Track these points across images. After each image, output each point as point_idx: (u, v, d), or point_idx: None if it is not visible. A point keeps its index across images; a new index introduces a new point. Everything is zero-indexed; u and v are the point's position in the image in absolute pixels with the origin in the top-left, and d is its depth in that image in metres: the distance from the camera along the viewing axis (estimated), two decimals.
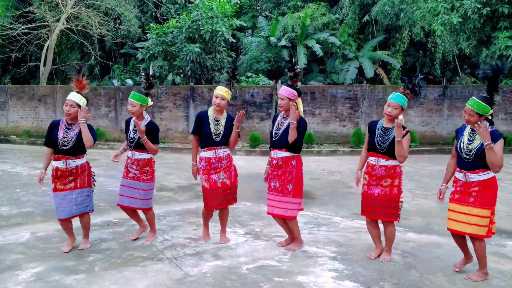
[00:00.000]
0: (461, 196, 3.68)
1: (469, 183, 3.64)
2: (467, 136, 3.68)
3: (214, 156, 4.43)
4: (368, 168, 4.10)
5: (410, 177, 8.24)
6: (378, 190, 4.03)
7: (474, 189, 3.61)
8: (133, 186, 4.48)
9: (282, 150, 4.27)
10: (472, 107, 3.59)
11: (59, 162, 4.20)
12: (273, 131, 4.37)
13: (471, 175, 3.63)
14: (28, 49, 18.82)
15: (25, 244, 4.51)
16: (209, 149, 4.43)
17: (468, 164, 3.64)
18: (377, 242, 4.24)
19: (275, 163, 4.33)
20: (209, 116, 4.45)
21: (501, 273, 3.86)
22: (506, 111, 12.97)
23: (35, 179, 7.89)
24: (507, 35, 12.32)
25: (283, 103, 4.27)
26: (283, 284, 3.58)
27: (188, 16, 14.23)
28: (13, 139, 14.56)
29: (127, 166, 4.53)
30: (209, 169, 4.43)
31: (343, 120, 13.38)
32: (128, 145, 4.51)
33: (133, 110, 4.38)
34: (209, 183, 4.42)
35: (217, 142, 4.41)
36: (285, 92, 4.26)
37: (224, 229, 4.72)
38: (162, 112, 13.89)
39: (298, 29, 17.53)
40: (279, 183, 4.28)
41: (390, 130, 3.99)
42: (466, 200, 3.64)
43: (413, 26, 17.49)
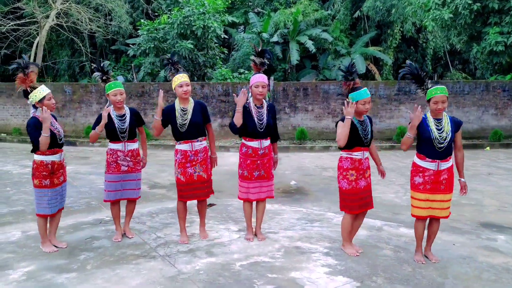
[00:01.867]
0: (432, 185, 3.86)
1: (439, 172, 3.84)
2: (434, 126, 3.84)
3: (190, 149, 4.36)
4: (354, 163, 4.02)
5: (401, 172, 8.29)
6: (363, 182, 4.07)
7: (444, 176, 3.85)
8: (128, 179, 4.48)
9: (267, 139, 4.44)
10: (445, 93, 3.84)
11: (56, 155, 4.16)
12: (255, 123, 4.29)
13: (442, 164, 3.83)
14: (17, 46, 18.57)
15: (16, 243, 4.46)
16: (184, 142, 4.35)
17: (441, 153, 3.82)
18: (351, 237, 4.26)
19: (262, 153, 4.38)
20: (176, 108, 4.34)
21: (491, 267, 3.91)
22: (496, 107, 13.09)
23: (25, 177, 7.81)
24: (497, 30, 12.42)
25: (264, 91, 4.32)
26: (277, 280, 3.58)
27: (179, 12, 14.14)
28: (3, 137, 14.39)
29: (116, 161, 4.42)
30: (185, 162, 4.35)
31: (336, 116, 13.41)
32: (120, 136, 4.38)
33: (123, 99, 4.39)
34: (185, 176, 4.36)
35: (190, 134, 4.32)
36: (265, 79, 4.33)
37: (203, 223, 4.69)
38: (155, 109, 13.79)
39: (290, 25, 17.51)
40: (265, 170, 4.44)
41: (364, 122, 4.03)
42: (438, 189, 3.86)
43: (405, 22, 17.58)
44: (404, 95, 13.25)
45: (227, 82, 13.65)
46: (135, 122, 4.50)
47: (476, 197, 6.53)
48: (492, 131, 12.49)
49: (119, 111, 4.43)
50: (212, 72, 14.82)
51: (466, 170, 8.58)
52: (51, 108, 4.09)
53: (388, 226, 5.12)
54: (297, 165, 9.43)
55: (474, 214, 5.67)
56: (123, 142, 4.42)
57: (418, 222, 4.03)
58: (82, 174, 8.05)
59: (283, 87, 13.32)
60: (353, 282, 3.57)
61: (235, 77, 14.90)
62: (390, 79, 18.34)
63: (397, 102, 13.22)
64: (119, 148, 4.43)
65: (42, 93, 4.05)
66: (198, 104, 4.43)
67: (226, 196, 6.54)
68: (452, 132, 3.82)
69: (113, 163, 4.44)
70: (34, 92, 4.04)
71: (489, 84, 13.09)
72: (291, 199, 6.53)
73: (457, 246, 4.43)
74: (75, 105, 14.16)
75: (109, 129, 4.39)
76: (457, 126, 3.88)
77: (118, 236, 4.58)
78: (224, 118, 13.19)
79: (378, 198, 6.51)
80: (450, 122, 3.88)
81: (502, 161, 9.84)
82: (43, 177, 4.11)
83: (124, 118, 4.41)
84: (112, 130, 4.39)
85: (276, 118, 4.54)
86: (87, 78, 20.43)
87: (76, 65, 20.74)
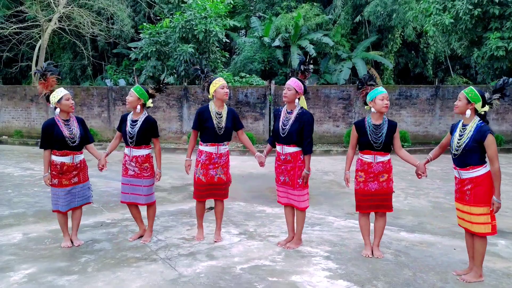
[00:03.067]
0: (459, 194, 3.70)
1: (463, 180, 3.64)
2: (458, 132, 3.68)
3: (216, 152, 4.44)
4: (363, 166, 4.10)
5: (402, 176, 8.29)
6: (375, 185, 4.09)
7: (468, 187, 3.60)
8: (135, 184, 4.50)
9: (290, 145, 4.28)
10: (463, 92, 3.66)
11: (67, 157, 4.30)
12: (279, 126, 4.33)
13: (462, 172, 3.63)
14: (19, 49, 18.65)
15: (17, 245, 4.47)
16: (212, 144, 4.44)
17: (458, 161, 3.64)
18: (367, 239, 4.29)
19: (283, 158, 4.35)
20: (210, 110, 4.44)
21: (492, 272, 3.90)
22: (497, 112, 13.10)
23: (27, 180, 7.83)
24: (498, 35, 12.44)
25: (288, 94, 4.28)
26: (277, 284, 3.58)
27: (181, 16, 14.20)
28: (5, 139, 14.43)
29: (125, 164, 4.53)
30: (208, 164, 4.44)
31: (337, 120, 13.44)
32: (128, 141, 4.46)
33: (129, 100, 4.44)
34: (206, 177, 4.45)
35: (220, 137, 4.43)
36: (294, 83, 4.30)
37: (220, 225, 4.73)
38: (156, 112, 13.84)
39: (291, 29, 17.56)
40: (289, 177, 4.33)
41: (381, 126, 4.04)
42: (464, 199, 3.65)
43: (406, 27, 17.60)
44: (405, 99, 13.26)
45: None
46: (145, 130, 4.45)
47: None
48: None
49: (134, 116, 4.48)
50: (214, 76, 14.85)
51: None
52: (69, 108, 4.30)
53: (389, 230, 5.11)
54: None
55: None
56: (130, 147, 4.47)
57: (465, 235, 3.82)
58: None
59: None
60: (354, 286, 3.57)
61: (236, 81, 14.93)
62: (391, 83, 18.35)
63: (398, 106, 13.24)
64: (127, 153, 4.53)
65: (59, 94, 4.28)
66: (230, 111, 4.55)
67: (227, 200, 6.53)
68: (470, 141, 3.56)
69: (123, 166, 4.56)
70: (53, 94, 4.27)
71: (490, 89, 13.09)
72: None
73: (458, 251, 4.43)
74: (77, 108, 14.20)
75: (123, 132, 4.52)
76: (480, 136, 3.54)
77: (134, 235, 4.70)
78: None
79: None
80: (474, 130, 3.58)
81: (503, 166, 9.80)
82: (53, 176, 4.32)
83: (136, 124, 4.43)
84: (124, 133, 4.50)
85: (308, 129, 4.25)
86: (89, 81, 20.49)
87: (78, 68, 20.80)
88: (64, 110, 4.30)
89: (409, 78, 20.04)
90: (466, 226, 3.69)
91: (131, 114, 4.53)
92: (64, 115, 4.33)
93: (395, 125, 4.13)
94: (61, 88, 4.33)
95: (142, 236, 4.69)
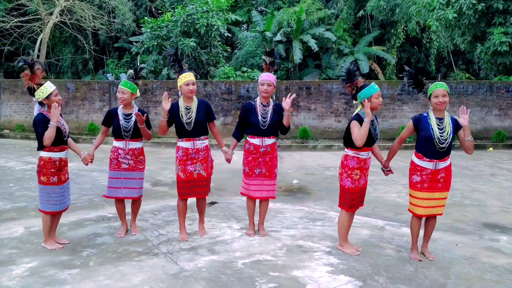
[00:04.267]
0: (430, 184, 3.88)
1: (437, 171, 3.85)
2: (436, 126, 3.82)
3: (192, 147, 4.38)
4: (360, 163, 4.03)
5: (404, 172, 8.25)
6: (363, 181, 4.11)
7: (442, 175, 3.87)
8: (128, 177, 4.47)
9: (270, 137, 4.45)
10: (444, 87, 3.84)
11: (63, 153, 4.19)
12: (258, 120, 4.38)
13: (440, 163, 3.84)
14: (21, 43, 18.63)
15: (19, 239, 4.48)
16: (187, 139, 4.37)
17: (441, 153, 3.83)
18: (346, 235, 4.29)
19: (263, 151, 4.42)
20: (179, 105, 4.35)
21: (494, 268, 3.90)
22: (500, 107, 13.04)
23: (28, 174, 7.84)
24: (502, 30, 12.37)
25: (269, 89, 4.36)
26: (279, 279, 3.58)
27: (183, 10, 14.14)
28: (6, 133, 14.44)
29: (117, 158, 4.45)
30: (186, 160, 4.37)
31: (339, 115, 13.40)
32: (123, 135, 4.41)
33: (123, 98, 4.36)
34: (185, 173, 4.38)
35: (192, 132, 4.35)
36: (272, 78, 4.40)
37: (202, 220, 4.72)
38: (157, 107, 13.81)
39: (293, 24, 17.49)
40: (266, 168, 4.45)
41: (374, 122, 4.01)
42: (435, 187, 3.88)
43: (409, 22, 17.51)
44: (407, 95, 13.22)
45: (230, 81, 13.64)
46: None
47: (479, 198, 6.52)
48: (496, 132, 12.46)
49: (126, 110, 4.44)
50: (215, 70, 14.81)
51: (469, 171, 8.61)
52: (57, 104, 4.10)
53: (390, 225, 5.11)
54: (299, 164, 9.43)
55: (477, 214, 5.66)
56: (125, 140, 4.44)
57: (414, 219, 4.06)
58: (85, 171, 8.07)
59: (286, 86, 13.31)
60: (355, 281, 3.57)
61: (238, 75, 14.90)
62: (393, 78, 18.29)
63: (400, 102, 13.20)
64: (120, 146, 4.45)
65: (49, 89, 4.06)
66: (202, 103, 4.46)
67: (228, 194, 6.54)
68: (453, 133, 3.84)
69: (114, 160, 4.48)
70: (41, 89, 4.04)
71: (492, 84, 13.04)
72: (293, 197, 6.53)
73: (460, 247, 4.42)
74: (78, 102, 14.19)
75: (115, 126, 4.43)
76: (457, 126, 3.88)
77: (121, 232, 4.62)
78: (227, 117, 13.19)
79: (380, 198, 6.51)
80: (451, 122, 3.88)
81: (505, 162, 9.81)
82: (51, 174, 4.09)
83: (130, 117, 4.41)
84: (117, 128, 4.42)
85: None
86: (90, 75, 20.47)
87: (79, 62, 20.78)
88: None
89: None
90: (433, 212, 3.96)
91: (120, 108, 4.44)
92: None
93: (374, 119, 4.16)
94: (48, 82, 4.10)
95: (127, 229, 4.67)
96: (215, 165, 4.67)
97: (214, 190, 6.50)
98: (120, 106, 4.47)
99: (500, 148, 11.96)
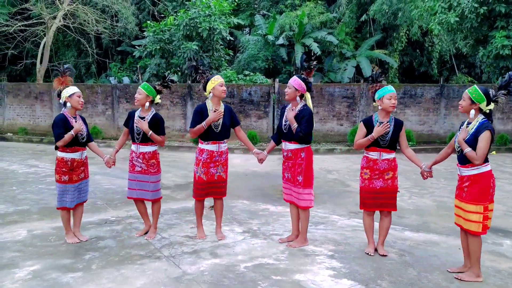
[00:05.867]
0: (458, 191, 3.75)
1: (462, 177, 3.69)
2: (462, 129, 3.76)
3: (217, 150, 4.45)
4: (369, 163, 4.13)
5: (407, 176, 8.26)
6: (380, 183, 4.09)
7: (465, 184, 3.65)
8: (142, 180, 4.56)
9: (291, 142, 4.33)
10: (467, 91, 3.69)
11: (77, 153, 4.40)
12: (281, 123, 4.40)
13: (462, 169, 3.68)
14: (24, 46, 18.71)
15: (21, 242, 4.49)
16: (213, 142, 4.44)
17: (460, 158, 3.71)
18: (370, 238, 4.30)
19: (286, 155, 4.41)
20: (208, 108, 4.43)
21: (498, 272, 3.88)
22: (503, 111, 13.01)
23: (31, 177, 7.86)
24: (504, 34, 12.35)
25: (289, 92, 4.32)
26: (281, 283, 3.58)
27: (185, 14, 14.19)
28: (10, 136, 14.49)
29: (132, 160, 4.59)
30: (209, 162, 4.44)
31: (341, 119, 13.40)
32: (135, 138, 4.52)
33: (138, 98, 4.51)
34: (207, 176, 4.44)
35: (219, 135, 4.44)
36: (293, 81, 4.31)
37: (220, 223, 4.74)
38: (159, 110, 13.85)
39: (295, 27, 17.51)
40: (291, 174, 4.38)
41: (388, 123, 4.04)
42: (461, 195, 3.70)
43: (411, 25, 17.50)
44: (410, 98, 13.20)
45: (232, 84, 13.66)
46: (152, 127, 4.48)
47: None
48: (498, 135, 12.42)
49: (142, 113, 4.54)
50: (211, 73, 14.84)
51: None
52: (78, 104, 4.41)
53: (393, 229, 5.09)
54: None
55: None
56: (137, 144, 4.53)
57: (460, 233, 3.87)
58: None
59: None
60: (358, 285, 3.56)
61: (240, 79, 14.92)
62: (395, 82, 18.28)
63: (403, 105, 13.18)
64: (134, 149, 4.58)
65: (72, 90, 4.40)
66: (227, 108, 4.54)
67: (231, 198, 6.53)
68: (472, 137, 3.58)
69: (130, 162, 4.62)
70: (66, 89, 4.38)
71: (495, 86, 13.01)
72: None
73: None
74: None
75: (130, 128, 4.57)
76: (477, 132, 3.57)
77: (140, 231, 4.75)
78: None
79: None
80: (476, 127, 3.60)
81: (508, 166, 9.78)
82: (63, 173, 4.36)
83: (144, 121, 4.48)
84: (131, 130, 4.56)
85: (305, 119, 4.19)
86: (93, 78, 20.54)
87: (82, 66, 20.86)
88: (74, 106, 4.39)
89: (414, 77, 19.95)
90: (461, 223, 3.73)
91: (138, 110, 4.58)
92: (72, 111, 4.41)
93: (401, 124, 4.15)
94: (74, 86, 4.48)
95: (147, 232, 4.71)
96: None
97: None
98: (139, 109, 4.58)
99: (503, 151, 11.92)
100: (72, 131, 4.28)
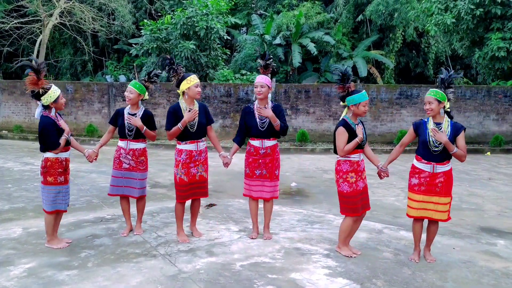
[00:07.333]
0: (427, 187, 3.93)
1: (435, 174, 3.90)
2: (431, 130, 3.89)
3: (196, 149, 4.40)
4: (353, 166, 4.04)
5: (402, 176, 8.29)
6: (361, 184, 4.12)
7: (440, 179, 3.91)
8: (129, 177, 4.54)
9: (270, 139, 4.46)
10: (431, 95, 3.90)
11: (67, 153, 4.29)
12: (256, 122, 4.42)
13: (439, 167, 3.90)
14: (20, 44, 18.62)
15: (17, 240, 4.47)
16: (190, 142, 4.38)
17: (437, 156, 3.89)
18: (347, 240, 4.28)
19: (263, 152, 4.45)
20: (182, 108, 4.36)
21: (491, 271, 3.91)
22: (498, 112, 13.10)
23: (26, 175, 7.83)
24: (500, 36, 12.44)
25: (263, 91, 4.39)
26: (277, 281, 3.59)
27: (182, 13, 14.17)
28: (5, 134, 14.41)
29: (119, 157, 4.54)
30: (189, 162, 4.37)
31: (337, 119, 13.42)
32: (127, 134, 4.48)
33: (130, 97, 4.46)
34: (188, 176, 4.38)
35: (196, 134, 4.38)
36: (265, 80, 4.42)
37: (195, 221, 4.74)
38: (156, 109, 13.83)
39: (292, 27, 17.54)
40: (267, 170, 4.47)
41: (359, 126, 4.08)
42: (433, 191, 3.93)
43: (407, 26, 17.59)
44: (406, 98, 13.26)
45: (229, 83, 13.67)
46: (144, 124, 4.47)
47: (476, 202, 6.54)
48: (493, 136, 12.51)
49: (132, 110, 4.53)
50: (214, 73, 14.84)
51: (467, 175, 8.63)
52: (62, 106, 4.26)
53: (388, 229, 5.13)
54: (298, 167, 9.45)
55: (474, 218, 5.68)
56: (127, 141, 4.51)
57: (414, 223, 4.14)
58: (83, 172, 8.06)
59: (284, 89, 13.34)
60: (353, 284, 3.58)
61: (237, 78, 14.93)
62: (391, 83, 18.36)
63: (399, 106, 13.24)
64: (122, 146, 4.53)
65: (56, 93, 4.14)
66: (201, 106, 4.50)
67: (226, 197, 6.55)
68: (451, 137, 3.87)
69: (116, 159, 4.58)
70: (49, 94, 4.10)
71: (490, 89, 13.11)
72: (292, 200, 6.54)
73: (457, 250, 4.44)
74: (77, 103, 14.19)
75: (120, 126, 4.52)
76: (456, 131, 3.90)
77: (125, 231, 4.69)
78: (226, 119, 13.21)
79: (378, 201, 6.52)
80: (450, 126, 3.92)
81: (503, 166, 9.85)
82: (59, 174, 4.16)
83: (135, 117, 4.46)
84: (121, 127, 4.51)
85: (283, 114, 4.52)
86: (89, 76, 20.47)
87: (78, 64, 20.77)
88: (58, 108, 4.22)
89: (410, 77, 20.04)
90: (428, 215, 3.99)
91: (127, 108, 4.56)
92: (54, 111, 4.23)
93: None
94: (54, 86, 4.16)
95: (131, 230, 4.73)
96: (213, 168, 4.70)
97: (212, 192, 6.50)
98: (128, 106, 4.56)
99: (498, 152, 12.00)
100: (65, 134, 4.13)
